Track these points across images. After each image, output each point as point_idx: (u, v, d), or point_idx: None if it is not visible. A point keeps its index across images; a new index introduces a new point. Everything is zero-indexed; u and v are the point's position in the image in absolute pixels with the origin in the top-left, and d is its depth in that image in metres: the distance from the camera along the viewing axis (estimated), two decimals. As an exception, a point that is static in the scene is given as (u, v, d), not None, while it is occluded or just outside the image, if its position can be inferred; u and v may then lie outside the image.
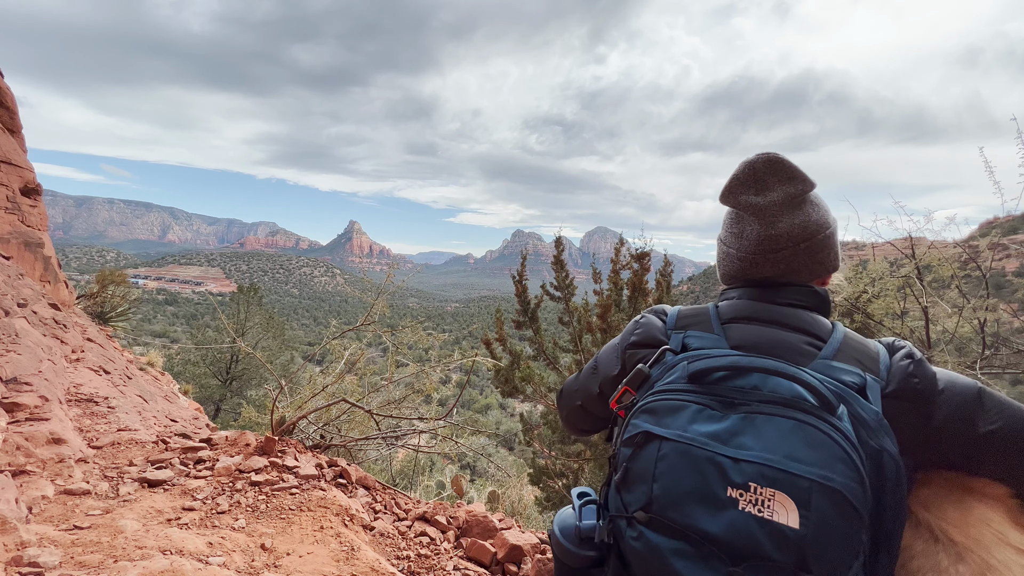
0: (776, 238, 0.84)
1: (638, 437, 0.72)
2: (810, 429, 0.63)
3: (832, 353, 0.74)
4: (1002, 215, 3.60)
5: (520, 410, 9.16)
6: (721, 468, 0.64)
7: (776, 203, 0.83)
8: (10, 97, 7.42)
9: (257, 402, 12.40)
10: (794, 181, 0.83)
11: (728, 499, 0.62)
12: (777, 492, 0.60)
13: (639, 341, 0.89)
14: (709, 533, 0.62)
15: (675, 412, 0.71)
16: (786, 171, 0.83)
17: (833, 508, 0.59)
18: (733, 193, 0.87)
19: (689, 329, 0.85)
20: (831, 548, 0.58)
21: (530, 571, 2.63)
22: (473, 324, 64.23)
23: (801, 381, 0.67)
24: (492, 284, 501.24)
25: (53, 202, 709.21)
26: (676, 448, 0.68)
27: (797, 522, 0.59)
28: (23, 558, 1.72)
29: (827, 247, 0.86)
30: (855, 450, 0.62)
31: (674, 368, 0.77)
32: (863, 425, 0.65)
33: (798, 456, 0.61)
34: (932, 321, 3.72)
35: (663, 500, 0.67)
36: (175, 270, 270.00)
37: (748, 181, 0.85)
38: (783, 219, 0.84)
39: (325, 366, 4.82)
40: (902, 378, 0.71)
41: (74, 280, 11.78)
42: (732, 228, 0.90)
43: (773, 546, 0.59)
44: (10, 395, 3.15)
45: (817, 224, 0.85)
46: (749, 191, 0.85)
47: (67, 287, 8.17)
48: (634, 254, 4.85)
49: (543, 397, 4.91)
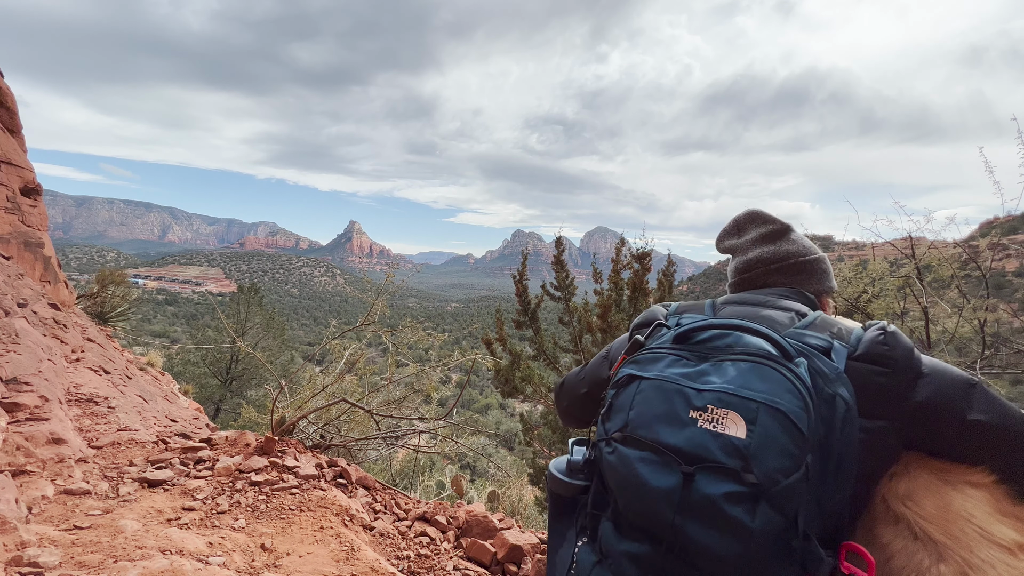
0: (748, 261, 1.05)
1: (622, 379, 0.85)
2: (767, 369, 0.74)
3: (807, 325, 0.85)
4: (1002, 215, 3.60)
5: (520, 410, 9.16)
6: (686, 396, 0.75)
7: (749, 240, 1.06)
8: (10, 97, 7.41)
9: (257, 402, 12.39)
10: (767, 223, 1.04)
11: (689, 419, 0.73)
12: (730, 412, 0.71)
13: (642, 322, 1.02)
14: (671, 445, 0.72)
15: (656, 361, 0.83)
16: (761, 218, 1.06)
17: (777, 424, 0.68)
18: (721, 240, 1.12)
19: (685, 313, 0.98)
20: (771, 456, 0.67)
21: (530, 571, 2.63)
22: (473, 324, 64.23)
23: (766, 336, 0.78)
24: (492, 284, 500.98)
25: (53, 202, 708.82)
26: (652, 384, 0.80)
27: (744, 434, 0.68)
28: (23, 558, 1.72)
29: (805, 270, 1.01)
30: (804, 387, 0.71)
31: (663, 336, 0.89)
32: (820, 376, 0.74)
33: (752, 386, 0.72)
34: (932, 321, 3.71)
35: (636, 422, 0.78)
36: (175, 270, 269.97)
37: (732, 230, 1.10)
38: (755, 249, 1.05)
39: (325, 366, 4.82)
40: (870, 344, 0.78)
41: (74, 280, 11.77)
42: (728, 269, 1.11)
43: (723, 453, 0.69)
44: (10, 395, 3.15)
45: (788, 252, 1.02)
46: (731, 236, 1.10)
47: (67, 287, 8.16)
48: (635, 254, 4.85)
49: (543, 397, 4.91)
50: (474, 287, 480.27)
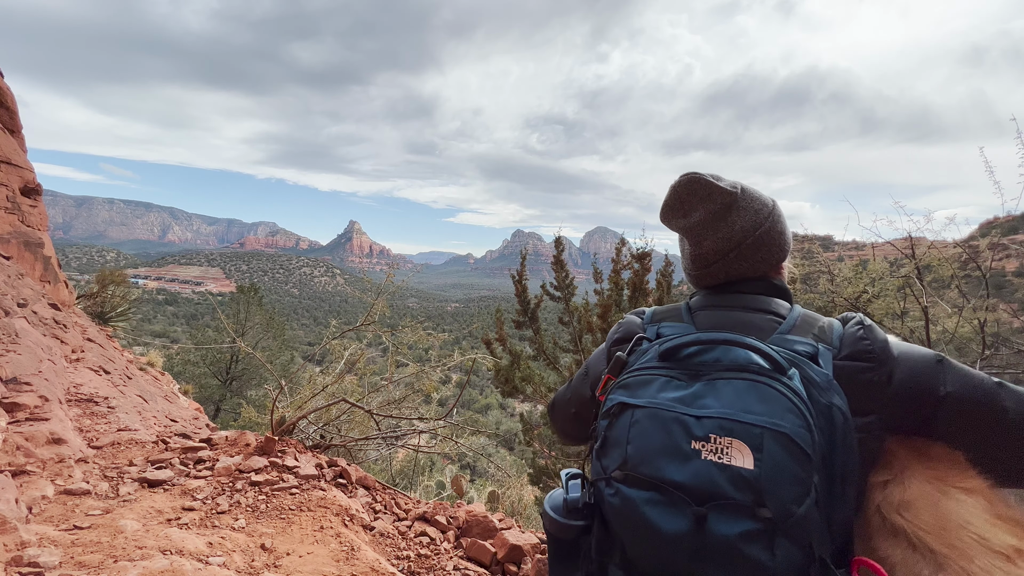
0: (704, 256, 0.95)
1: (614, 408, 0.80)
2: (762, 387, 0.71)
3: (789, 328, 0.83)
4: (1002, 215, 3.60)
5: (520, 410, 9.15)
6: (685, 425, 0.71)
7: (699, 223, 0.93)
8: (10, 97, 7.41)
9: (257, 402, 12.39)
10: (712, 197, 0.91)
11: (692, 451, 0.69)
12: (734, 440, 0.67)
13: (620, 337, 0.98)
14: (676, 481, 0.69)
15: (647, 384, 0.79)
16: (703, 189, 0.91)
17: (783, 450, 0.66)
18: (666, 218, 0.98)
19: (663, 321, 0.94)
20: (783, 486, 0.64)
21: (530, 571, 2.63)
22: (473, 324, 64.15)
23: (755, 348, 0.75)
24: (492, 284, 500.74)
25: (53, 202, 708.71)
26: (647, 413, 0.75)
27: (752, 464, 0.66)
28: (23, 558, 1.72)
29: (762, 246, 0.94)
30: (803, 403, 0.69)
31: (647, 352, 0.86)
32: (814, 385, 0.73)
33: (751, 409, 0.69)
34: (932, 321, 3.71)
35: (636, 458, 0.74)
36: (175, 270, 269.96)
37: (675, 205, 0.95)
38: (707, 237, 0.93)
39: (325, 366, 4.82)
40: (852, 342, 0.78)
41: (74, 280, 11.78)
42: (680, 245, 1.04)
43: (732, 487, 0.66)
44: (10, 395, 3.15)
45: (743, 231, 0.92)
46: (677, 215, 0.95)
47: (67, 287, 8.16)
48: (635, 254, 4.85)
49: (543, 397, 4.91)
50: (474, 287, 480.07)
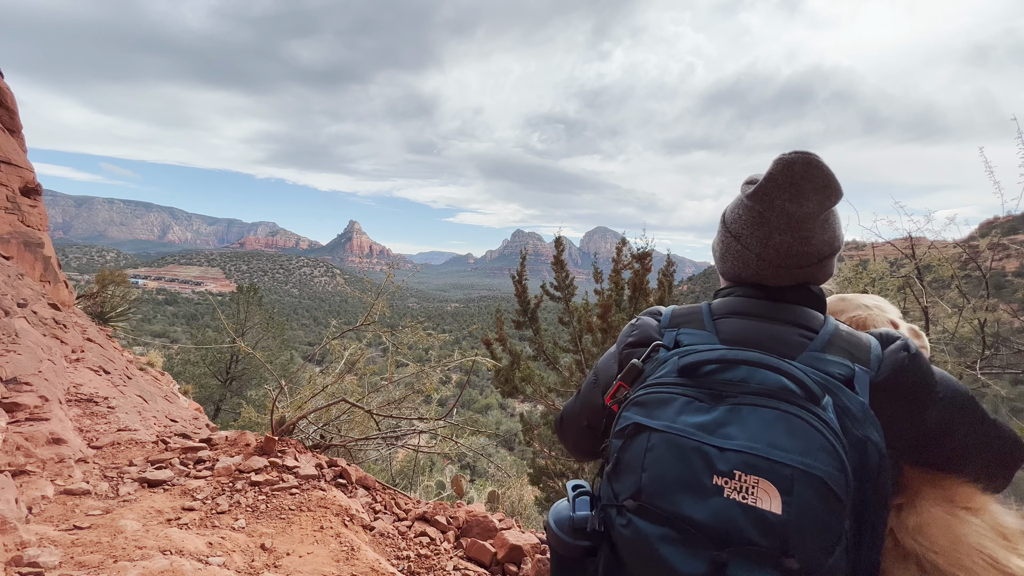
0: (807, 255, 0.81)
1: (628, 428, 0.74)
2: (793, 419, 0.64)
3: (822, 345, 0.75)
4: (1002, 215, 3.60)
5: (520, 410, 9.15)
6: (707, 457, 0.65)
7: (811, 215, 0.78)
8: (10, 97, 7.41)
9: (257, 402, 12.39)
10: (829, 191, 0.77)
11: (713, 487, 0.63)
12: (761, 479, 0.61)
13: (635, 341, 0.90)
14: (694, 520, 0.63)
15: (664, 404, 0.72)
16: (823, 178, 0.77)
17: (815, 495, 0.60)
18: (769, 196, 0.79)
19: (682, 327, 0.86)
20: (813, 534, 0.59)
21: (530, 571, 2.63)
22: (473, 324, 64.33)
23: (786, 372, 0.68)
24: (492, 284, 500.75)
25: (53, 202, 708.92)
26: (664, 439, 0.69)
27: (780, 508, 0.60)
28: (23, 558, 1.72)
29: (833, 258, 0.86)
30: (838, 439, 0.63)
31: (666, 363, 0.79)
32: (848, 415, 0.66)
33: (781, 444, 0.63)
34: (932, 321, 3.71)
35: (651, 489, 0.68)
36: (175, 270, 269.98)
37: (785, 185, 0.78)
38: (816, 234, 0.80)
39: (325, 366, 4.82)
40: (896, 371, 0.71)
41: (74, 280, 11.77)
42: (756, 230, 0.83)
43: (756, 532, 0.60)
44: (10, 395, 3.15)
45: (839, 238, 0.84)
46: (785, 197, 0.78)
47: (67, 287, 8.16)
48: (635, 254, 4.85)
49: (543, 397, 4.90)
50: (474, 287, 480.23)
